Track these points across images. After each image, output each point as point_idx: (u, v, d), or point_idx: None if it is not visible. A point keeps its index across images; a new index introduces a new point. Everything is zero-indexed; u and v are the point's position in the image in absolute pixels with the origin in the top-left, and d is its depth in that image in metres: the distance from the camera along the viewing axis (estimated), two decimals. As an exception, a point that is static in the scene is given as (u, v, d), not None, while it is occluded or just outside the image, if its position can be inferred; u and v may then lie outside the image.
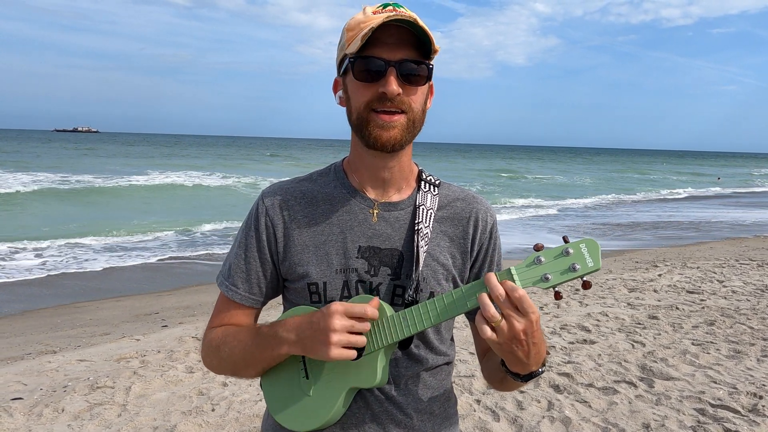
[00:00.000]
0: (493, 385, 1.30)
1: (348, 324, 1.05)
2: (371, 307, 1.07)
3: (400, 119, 1.12)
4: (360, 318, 1.06)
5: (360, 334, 1.07)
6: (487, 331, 1.01)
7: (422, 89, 1.15)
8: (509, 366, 1.11)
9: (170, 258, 10.88)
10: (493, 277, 1.02)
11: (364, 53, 1.10)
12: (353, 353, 1.06)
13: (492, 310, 1.00)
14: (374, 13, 1.12)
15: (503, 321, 1.00)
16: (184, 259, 10.88)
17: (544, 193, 27.99)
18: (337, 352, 1.04)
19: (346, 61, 1.14)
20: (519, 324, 1.00)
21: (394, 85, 1.09)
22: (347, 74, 1.15)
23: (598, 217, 19.11)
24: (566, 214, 19.75)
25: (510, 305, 1.01)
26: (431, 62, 1.14)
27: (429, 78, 1.15)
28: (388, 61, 1.10)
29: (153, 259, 10.67)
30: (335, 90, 1.23)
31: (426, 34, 1.09)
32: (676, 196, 29.12)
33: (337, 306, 1.06)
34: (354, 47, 1.09)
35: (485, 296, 1.02)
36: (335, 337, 1.04)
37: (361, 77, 1.12)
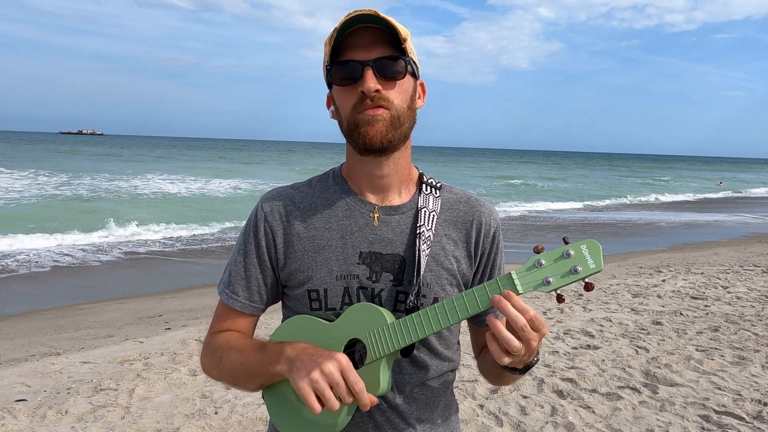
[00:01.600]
0: (491, 380, 1.30)
1: (336, 379, 1.00)
2: (368, 395, 1.03)
3: (383, 113, 1.12)
4: (351, 388, 1.01)
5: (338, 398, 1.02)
6: (506, 359, 1.01)
7: (402, 84, 1.15)
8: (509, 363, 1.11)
9: (169, 257, 10.91)
10: (509, 307, 1.00)
11: (340, 59, 1.13)
12: (317, 406, 1.00)
13: (516, 344, 0.99)
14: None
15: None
16: (184, 259, 10.90)
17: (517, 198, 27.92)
18: (305, 389, 1.00)
19: (326, 69, 1.16)
20: (534, 342, 1.01)
21: (371, 83, 1.09)
22: (332, 85, 1.17)
23: (527, 219, 19.44)
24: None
25: (530, 331, 1.00)
26: (407, 56, 1.14)
27: (408, 72, 1.15)
28: (363, 62, 1.11)
29: (149, 260, 10.70)
30: (328, 106, 1.24)
31: (391, 25, 1.10)
32: (655, 201, 29.02)
33: (342, 359, 1.03)
34: (327, 55, 1.13)
35: (504, 330, 1.00)
36: (316, 375, 1.00)
37: (341, 82, 1.14)
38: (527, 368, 1.12)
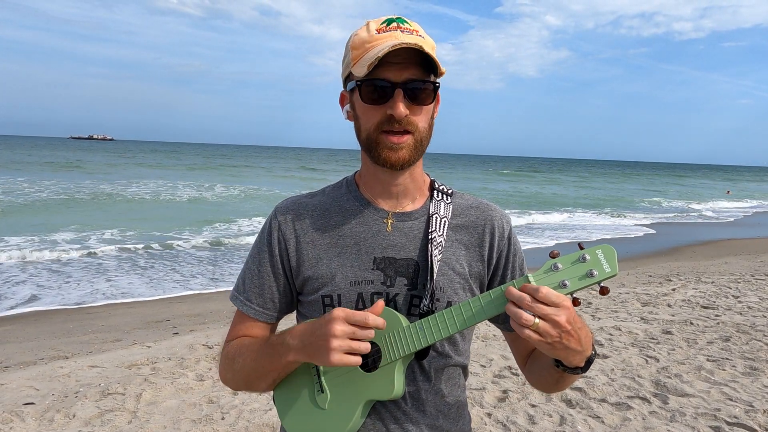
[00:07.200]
0: (547, 388, 1.26)
1: (349, 330, 1.03)
2: (373, 314, 1.05)
3: (408, 140, 1.12)
4: (362, 325, 1.04)
5: (364, 340, 1.05)
6: (533, 335, 0.99)
7: (428, 108, 1.15)
8: (567, 363, 1.08)
9: (176, 261, 10.94)
10: (513, 290, 1.02)
11: (370, 75, 1.11)
12: (357, 359, 1.05)
13: (525, 315, 0.99)
14: (378, 31, 1.12)
15: (541, 321, 0.99)
16: (191, 263, 10.93)
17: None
18: (338, 357, 1.03)
19: (353, 82, 1.14)
20: (559, 317, 0.99)
21: (401, 108, 1.09)
22: (354, 93, 1.16)
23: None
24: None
25: (541, 305, 0.99)
26: (437, 80, 1.14)
27: (435, 95, 1.15)
28: (394, 83, 1.10)
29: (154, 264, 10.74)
30: (342, 104, 1.23)
31: (432, 59, 1.08)
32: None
33: (338, 312, 1.05)
34: (361, 72, 1.09)
35: (511, 306, 1.01)
36: (335, 343, 1.03)
37: (368, 100, 1.12)
38: (589, 363, 1.09)
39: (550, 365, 1.14)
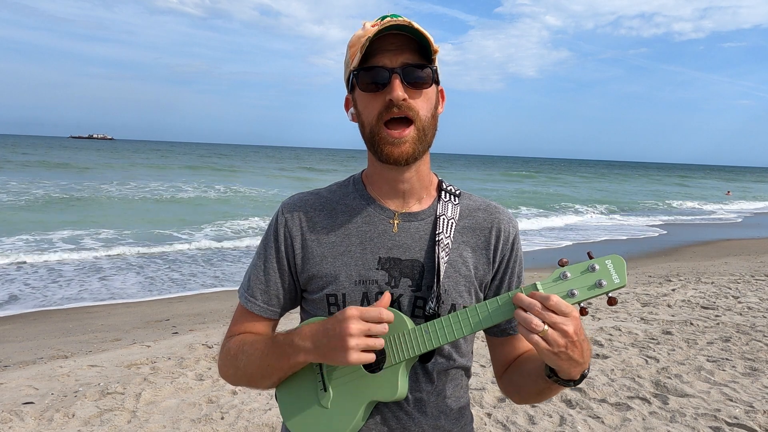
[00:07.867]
0: (525, 399, 1.25)
1: (365, 327, 1.04)
2: (385, 309, 1.06)
3: (410, 132, 1.11)
4: (377, 321, 1.05)
5: (377, 336, 1.06)
6: (541, 343, 0.99)
7: (428, 93, 1.14)
8: (565, 375, 1.07)
9: (177, 261, 10.94)
10: (523, 296, 1.02)
11: (367, 64, 1.11)
12: (372, 356, 1.05)
13: (535, 320, 0.99)
14: (373, 26, 1.13)
15: (550, 329, 0.99)
16: (191, 263, 10.93)
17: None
18: (356, 356, 1.03)
19: (351, 76, 1.15)
20: (568, 327, 0.99)
21: (399, 91, 1.09)
22: (355, 89, 1.16)
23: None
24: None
25: (551, 314, 0.99)
26: (434, 65, 1.14)
27: (434, 81, 1.14)
28: (390, 68, 1.10)
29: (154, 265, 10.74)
30: (347, 108, 1.23)
31: (424, 36, 1.09)
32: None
33: (352, 310, 1.05)
34: (356, 61, 1.10)
35: (521, 311, 1.00)
36: (353, 342, 1.03)
37: (366, 88, 1.12)
38: (583, 377, 1.09)
39: (539, 375, 1.13)
